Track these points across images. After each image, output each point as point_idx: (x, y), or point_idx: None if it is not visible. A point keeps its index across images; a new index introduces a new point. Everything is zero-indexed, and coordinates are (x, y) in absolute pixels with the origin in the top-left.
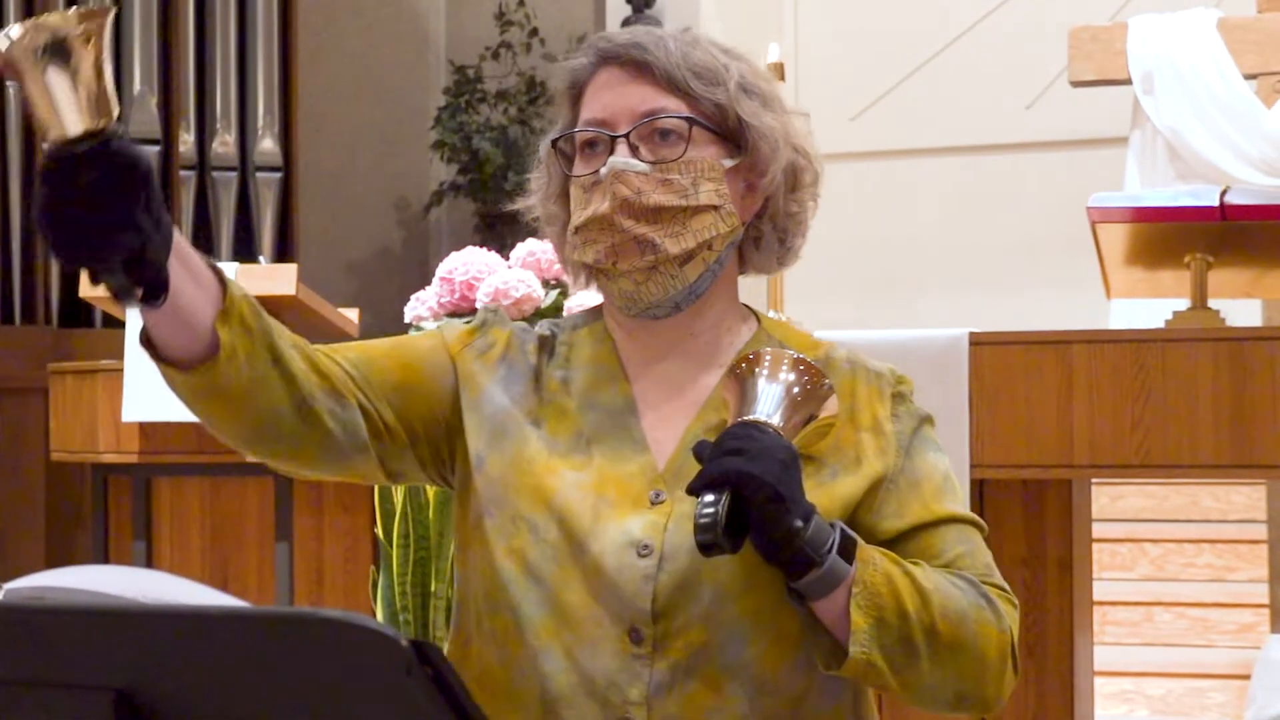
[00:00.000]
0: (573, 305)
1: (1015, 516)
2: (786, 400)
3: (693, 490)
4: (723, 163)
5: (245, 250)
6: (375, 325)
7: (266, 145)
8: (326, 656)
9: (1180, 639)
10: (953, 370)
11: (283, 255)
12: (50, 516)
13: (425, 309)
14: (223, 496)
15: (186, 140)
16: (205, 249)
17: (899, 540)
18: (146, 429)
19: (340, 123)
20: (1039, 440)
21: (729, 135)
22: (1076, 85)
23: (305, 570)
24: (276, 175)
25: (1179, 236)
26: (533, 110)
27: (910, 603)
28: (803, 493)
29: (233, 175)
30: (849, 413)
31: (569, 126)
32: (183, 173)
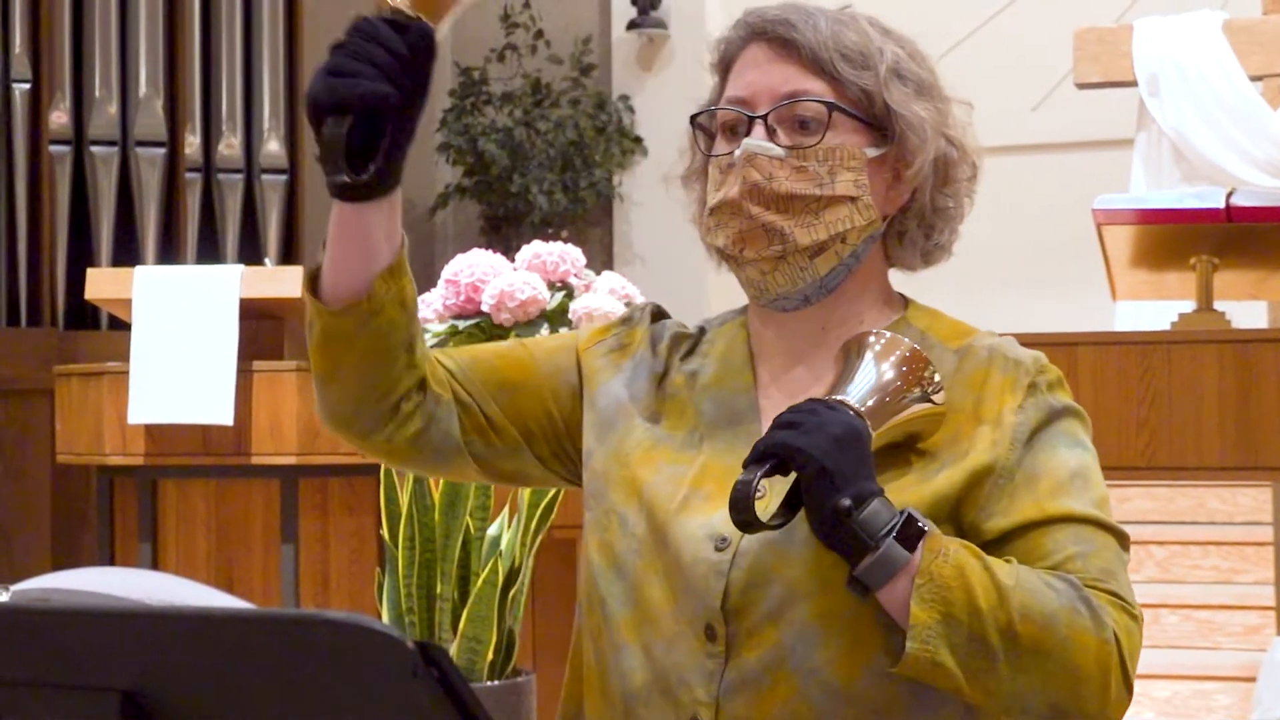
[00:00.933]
0: (578, 308)
1: None
2: (877, 384)
3: (745, 464)
4: (866, 152)
5: (251, 252)
6: None
7: (272, 147)
8: (332, 658)
9: (1186, 641)
10: None
11: (288, 257)
12: (56, 518)
13: (431, 311)
14: (228, 498)
15: (192, 143)
16: (211, 251)
17: (1004, 540)
18: (152, 431)
19: None
20: None
21: (875, 122)
22: (1082, 87)
23: (310, 572)
24: (282, 178)
25: (1184, 238)
26: (538, 112)
27: (984, 599)
28: (865, 475)
29: (238, 178)
30: (974, 405)
31: (713, 103)
32: (188, 175)
